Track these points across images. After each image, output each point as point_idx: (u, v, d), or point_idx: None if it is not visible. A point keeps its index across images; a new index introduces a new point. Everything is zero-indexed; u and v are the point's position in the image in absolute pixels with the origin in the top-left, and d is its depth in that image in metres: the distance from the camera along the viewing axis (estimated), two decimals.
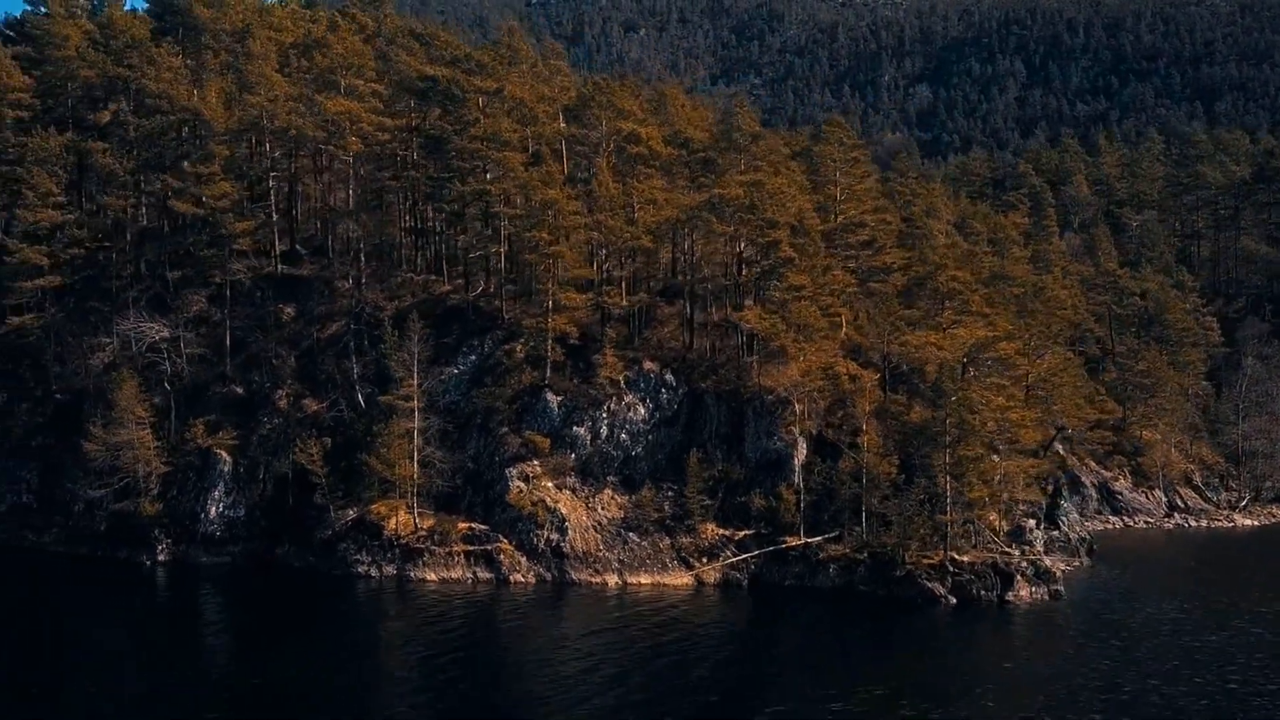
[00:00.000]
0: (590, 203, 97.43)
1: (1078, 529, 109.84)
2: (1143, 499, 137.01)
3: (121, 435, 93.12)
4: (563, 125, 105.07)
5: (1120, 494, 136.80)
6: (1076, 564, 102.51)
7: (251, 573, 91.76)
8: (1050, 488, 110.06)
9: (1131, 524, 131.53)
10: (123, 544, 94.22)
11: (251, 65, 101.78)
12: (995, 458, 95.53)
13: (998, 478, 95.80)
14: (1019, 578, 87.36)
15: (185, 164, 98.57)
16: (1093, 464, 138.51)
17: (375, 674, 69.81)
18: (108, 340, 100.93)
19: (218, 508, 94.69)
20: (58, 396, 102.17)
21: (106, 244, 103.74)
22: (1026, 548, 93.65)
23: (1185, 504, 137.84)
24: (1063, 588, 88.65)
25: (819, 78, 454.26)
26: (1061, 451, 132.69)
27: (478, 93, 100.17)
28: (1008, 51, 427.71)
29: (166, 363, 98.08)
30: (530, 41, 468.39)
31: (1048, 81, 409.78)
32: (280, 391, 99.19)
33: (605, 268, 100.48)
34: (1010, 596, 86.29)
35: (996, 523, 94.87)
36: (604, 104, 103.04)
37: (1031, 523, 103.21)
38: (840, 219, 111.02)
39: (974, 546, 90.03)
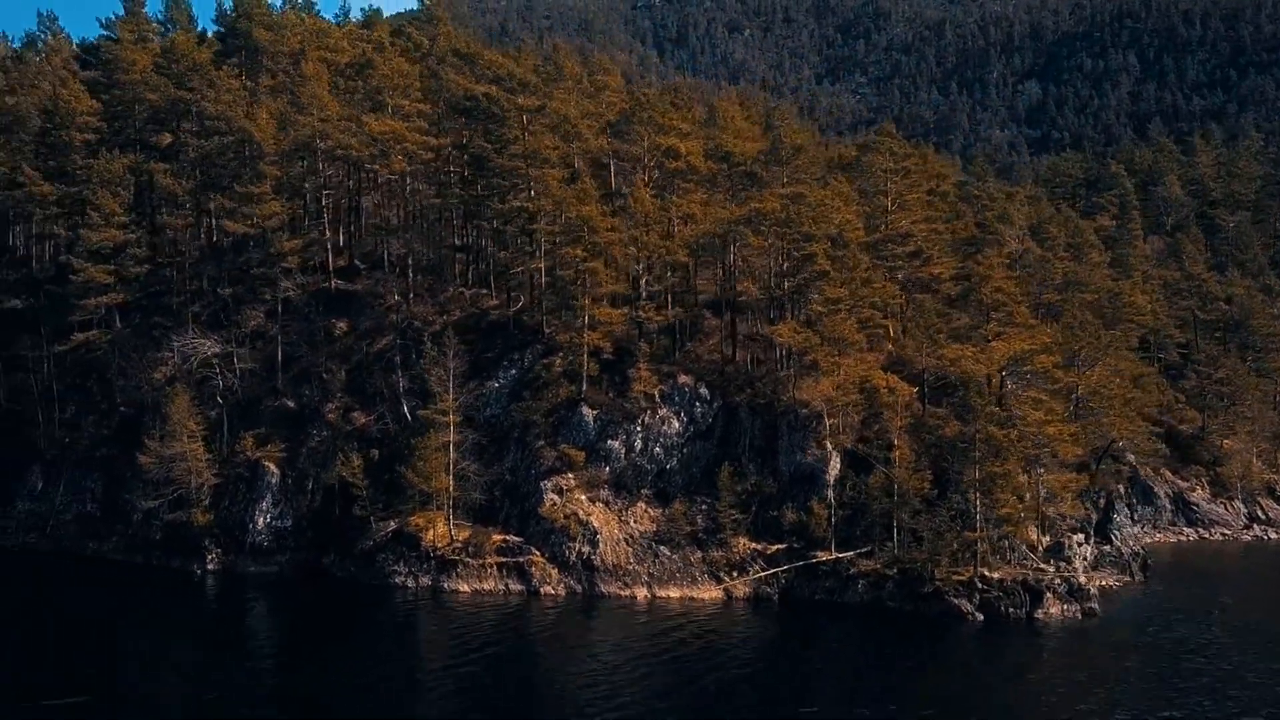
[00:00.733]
0: (627, 218, 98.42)
1: (1131, 543, 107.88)
2: (1221, 510, 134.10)
3: (175, 448, 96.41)
4: (606, 141, 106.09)
5: (1197, 505, 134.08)
6: (1128, 580, 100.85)
7: (297, 582, 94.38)
8: (1102, 501, 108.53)
9: (1208, 536, 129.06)
10: (176, 553, 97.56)
11: (304, 87, 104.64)
12: (1036, 472, 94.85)
13: (1037, 493, 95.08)
14: (1048, 595, 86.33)
15: (236, 184, 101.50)
16: (1168, 474, 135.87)
17: (408, 685, 70.90)
18: (169, 355, 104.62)
19: (265, 518, 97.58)
20: (122, 409, 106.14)
21: (167, 262, 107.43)
22: (1063, 564, 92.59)
23: (1266, 515, 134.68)
24: (1097, 605, 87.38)
25: (925, 75, 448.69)
26: (1134, 461, 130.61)
27: (519, 111, 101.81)
28: (1120, 45, 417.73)
29: (219, 378, 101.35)
30: (635, 44, 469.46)
31: (1162, 76, 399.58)
32: (330, 405, 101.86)
33: (642, 283, 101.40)
34: (1039, 614, 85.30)
35: (1036, 538, 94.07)
36: (645, 119, 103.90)
37: (1078, 537, 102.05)
38: (887, 229, 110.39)
39: (1007, 562, 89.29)
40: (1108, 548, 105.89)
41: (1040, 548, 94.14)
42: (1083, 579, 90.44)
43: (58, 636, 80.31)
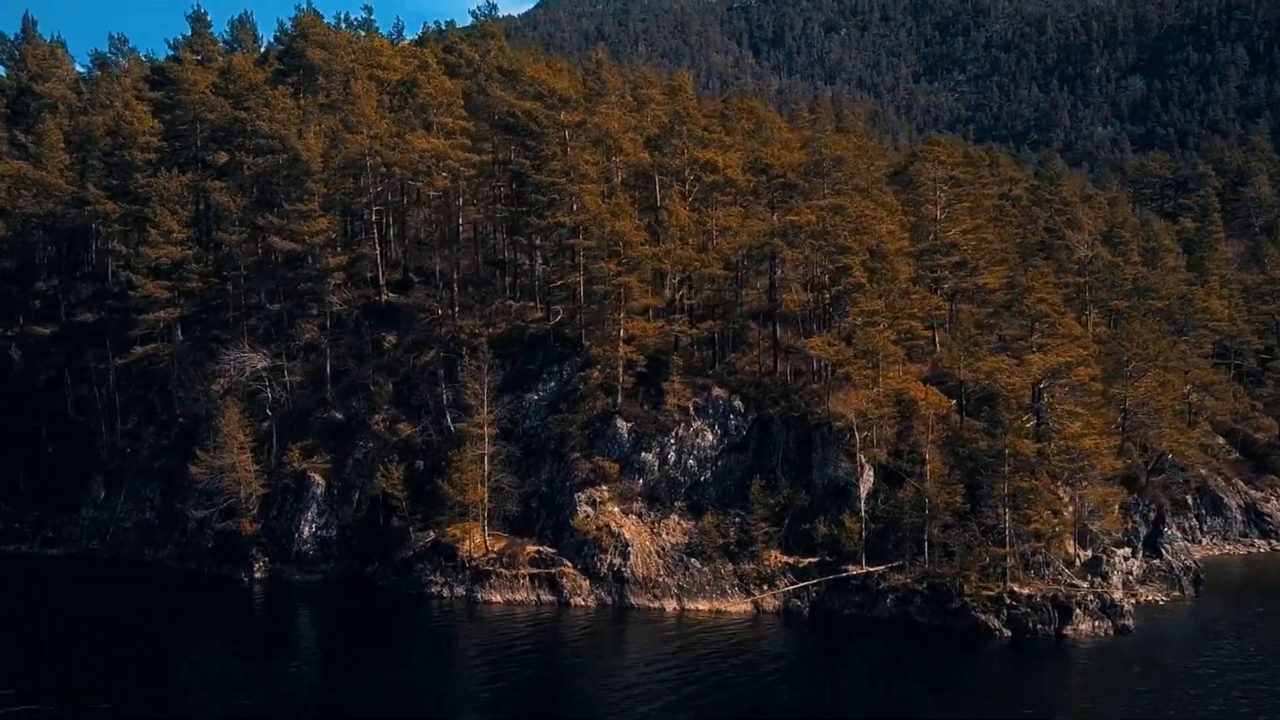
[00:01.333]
0: (662, 232, 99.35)
1: (1183, 557, 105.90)
2: None
3: (225, 459, 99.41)
4: (648, 155, 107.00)
5: (1269, 515, 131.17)
6: (1177, 595, 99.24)
7: (340, 590, 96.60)
8: (1152, 514, 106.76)
9: None
10: (226, 561, 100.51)
11: (353, 106, 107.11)
12: (1074, 485, 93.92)
13: (1076, 506, 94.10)
14: (1078, 612, 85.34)
15: (285, 202, 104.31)
16: (1240, 483, 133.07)
17: (442, 695, 72.82)
18: (226, 368, 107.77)
19: (311, 528, 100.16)
20: (180, 421, 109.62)
21: (224, 278, 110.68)
22: (1099, 580, 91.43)
23: None
24: (1131, 622, 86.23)
25: (1025, 72, 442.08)
26: (1204, 473, 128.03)
27: (558, 127, 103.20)
28: (1229, 38, 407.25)
29: (268, 391, 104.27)
30: (731, 45, 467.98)
31: (1273, 68, 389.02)
32: (377, 416, 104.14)
33: (678, 296, 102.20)
34: (1068, 631, 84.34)
35: (1074, 552, 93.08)
36: (684, 133, 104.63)
37: (1124, 552, 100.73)
38: (935, 239, 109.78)
39: (1041, 578, 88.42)
40: (1157, 562, 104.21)
41: (1078, 562, 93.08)
42: (1117, 595, 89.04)
43: (107, 640, 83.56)
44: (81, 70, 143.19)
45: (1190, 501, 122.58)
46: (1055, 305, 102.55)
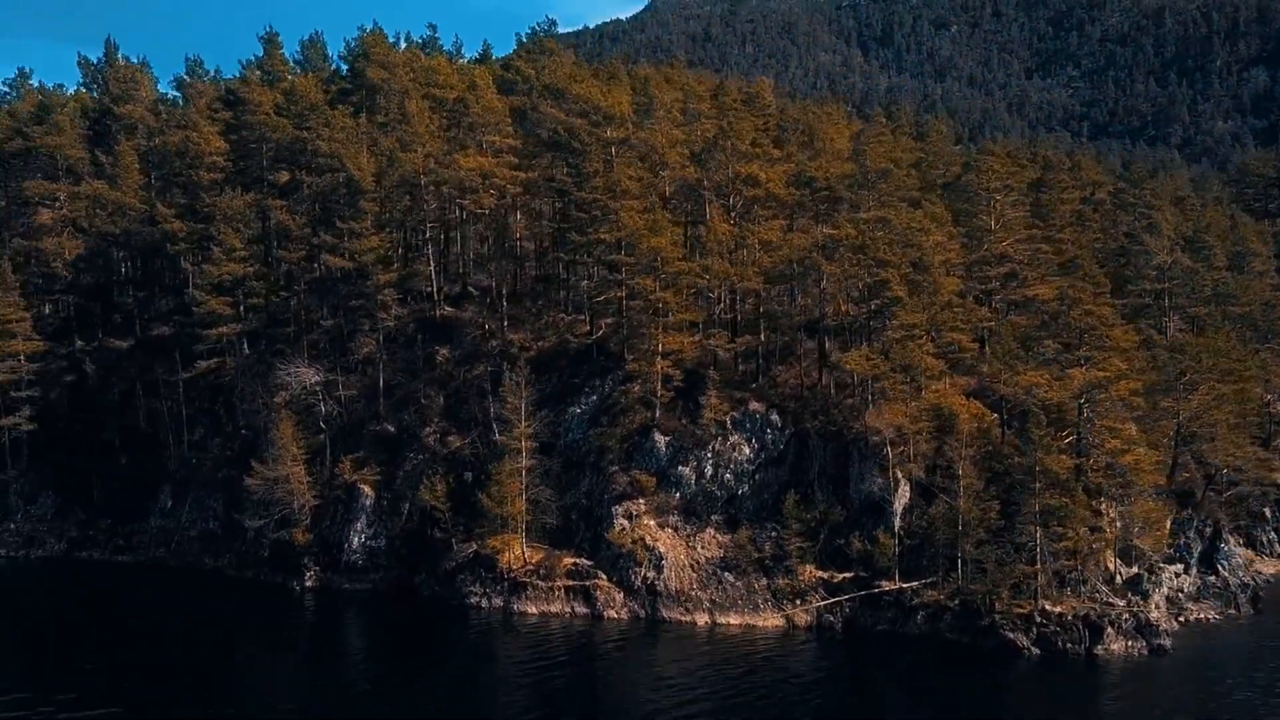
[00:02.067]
0: (700, 247, 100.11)
1: (1240, 574, 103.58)
2: None
3: (279, 471, 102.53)
4: (692, 170, 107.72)
5: None
6: (1232, 614, 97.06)
7: (387, 600, 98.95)
8: (1208, 529, 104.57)
9: None
10: (280, 569, 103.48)
11: (407, 126, 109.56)
12: (1115, 501, 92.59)
13: (1120, 523, 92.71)
14: (1109, 631, 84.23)
15: (338, 220, 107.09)
16: None
17: (477, 706, 75.19)
18: (288, 381, 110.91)
19: (360, 538, 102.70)
20: (244, 432, 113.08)
21: (284, 294, 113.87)
22: (1139, 598, 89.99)
23: None
24: (1168, 642, 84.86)
25: (1142, 66, 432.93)
26: None
27: (601, 144, 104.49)
28: None
29: (321, 404, 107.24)
30: (840, 44, 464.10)
31: None
32: (427, 429, 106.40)
33: (717, 310, 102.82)
34: (1099, 651, 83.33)
35: (1115, 568, 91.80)
36: (728, 148, 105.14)
37: (1175, 568, 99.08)
38: (987, 250, 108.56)
39: (1076, 595, 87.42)
40: (1213, 579, 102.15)
41: (1119, 579, 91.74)
42: (1154, 614, 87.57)
43: (163, 645, 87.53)
44: (165, 91, 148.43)
45: (1269, 514, 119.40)
46: (1103, 318, 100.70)
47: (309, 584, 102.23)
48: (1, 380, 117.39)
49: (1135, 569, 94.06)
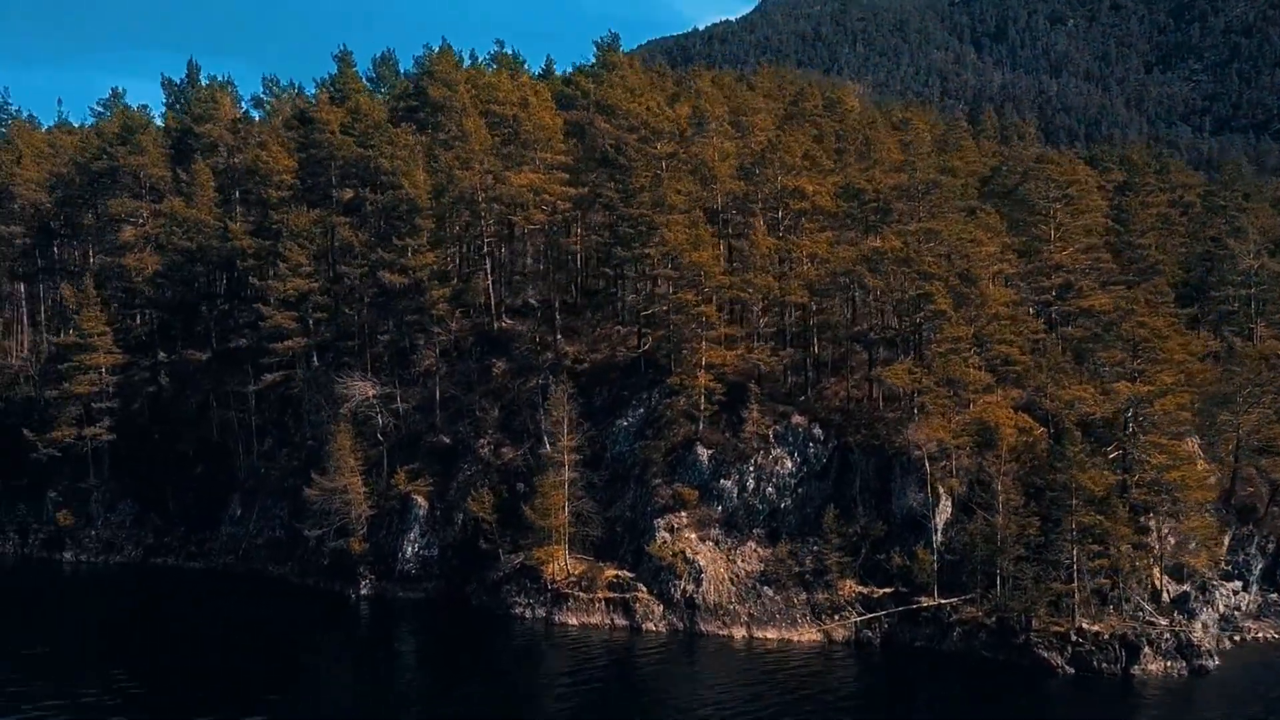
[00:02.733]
0: (742, 260, 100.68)
1: None
2: None
3: (337, 482, 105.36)
4: (741, 183, 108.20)
5: None
6: None
7: (437, 609, 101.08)
8: (1270, 546, 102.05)
9: None
10: (338, 577, 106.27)
11: (465, 143, 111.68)
12: (1162, 517, 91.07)
13: (1174, 540, 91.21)
14: (1146, 650, 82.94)
15: (395, 237, 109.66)
16: None
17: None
18: (349, 394, 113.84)
19: (413, 548, 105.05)
20: (310, 443, 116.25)
21: (349, 309, 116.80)
22: (1184, 617, 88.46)
23: None
24: (1211, 662, 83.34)
25: (1269, 57, 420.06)
26: None
27: (648, 159, 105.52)
28: None
29: (378, 417, 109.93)
30: (952, 41, 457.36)
31: None
32: (481, 441, 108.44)
33: (761, 323, 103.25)
34: (1135, 671, 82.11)
35: (1161, 586, 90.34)
36: (775, 161, 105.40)
37: (1232, 585, 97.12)
38: (1044, 260, 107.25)
39: (1118, 614, 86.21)
40: (1275, 596, 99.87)
41: (1166, 597, 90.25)
42: (1197, 634, 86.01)
43: (224, 649, 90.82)
44: (248, 110, 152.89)
45: None
46: (1158, 329, 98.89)
47: (364, 592, 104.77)
48: (83, 392, 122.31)
49: (1186, 587, 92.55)
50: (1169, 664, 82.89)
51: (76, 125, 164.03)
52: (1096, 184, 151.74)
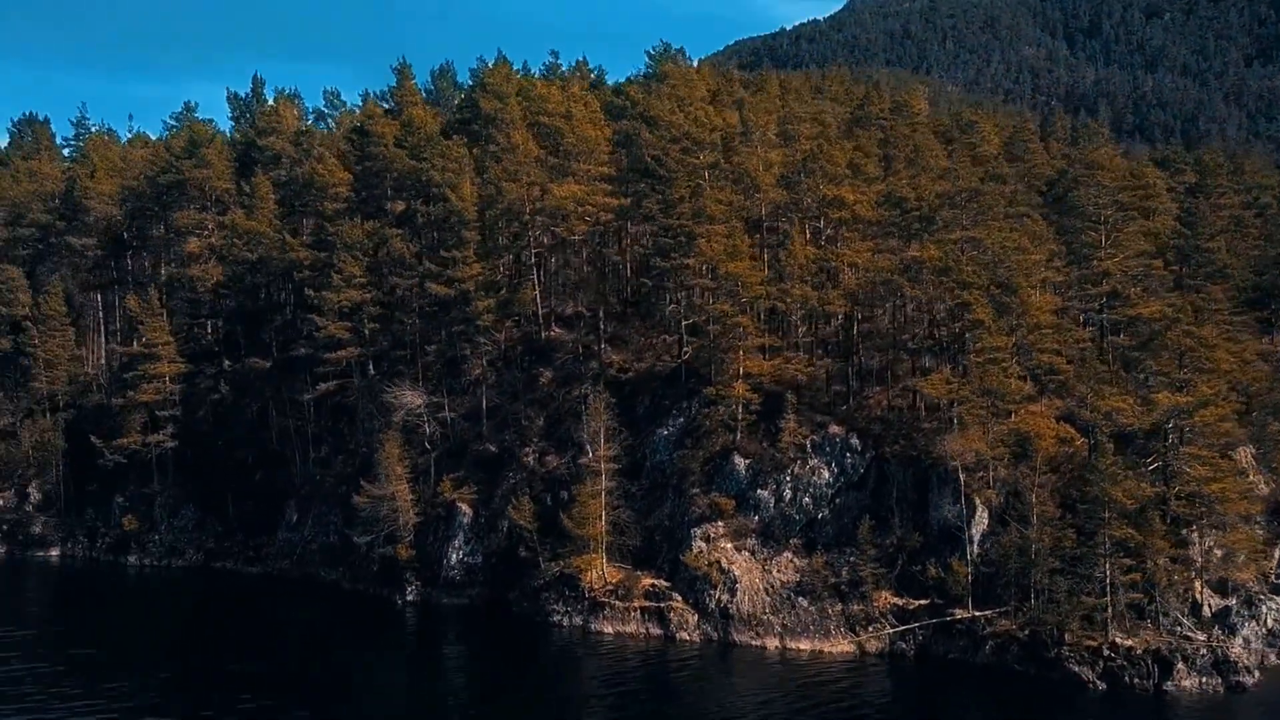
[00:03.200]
0: (779, 269, 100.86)
1: None
2: None
3: (385, 489, 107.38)
4: (784, 193, 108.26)
5: None
6: None
7: (480, 615, 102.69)
8: None
9: None
10: (386, 583, 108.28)
11: (509, 156, 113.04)
12: (1204, 530, 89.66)
13: (1219, 552, 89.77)
14: (1179, 666, 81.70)
15: (442, 249, 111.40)
16: None
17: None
18: (400, 402, 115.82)
19: (458, 554, 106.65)
20: (363, 451, 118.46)
21: (400, 319, 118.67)
22: (1225, 632, 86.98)
23: None
24: (1250, 679, 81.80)
25: None
26: None
27: (691, 170, 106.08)
28: None
29: (425, 426, 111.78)
30: (1044, 37, 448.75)
31: None
32: (527, 449, 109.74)
33: (800, 333, 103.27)
34: (1169, 686, 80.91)
35: (1202, 599, 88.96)
36: (816, 170, 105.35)
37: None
38: (1095, 268, 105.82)
39: (1156, 628, 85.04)
40: None
41: (1208, 610, 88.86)
42: (1236, 650, 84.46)
43: (276, 651, 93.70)
44: (312, 123, 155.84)
45: None
46: (1204, 338, 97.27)
47: (410, 598, 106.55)
48: (148, 400, 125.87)
49: (1230, 600, 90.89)
50: (1204, 680, 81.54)
51: (153, 138, 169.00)
52: (1166, 186, 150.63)
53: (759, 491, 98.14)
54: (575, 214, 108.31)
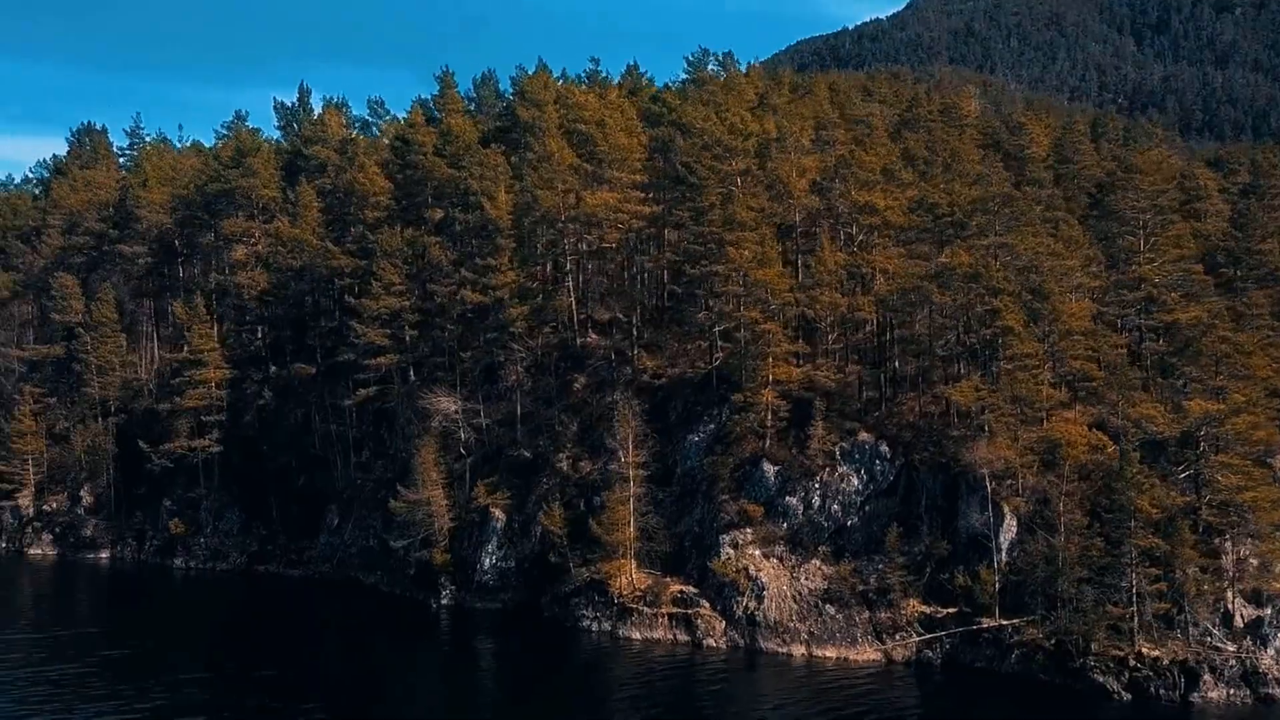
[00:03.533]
0: (808, 276, 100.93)
1: None
2: None
3: (421, 494, 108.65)
4: (817, 199, 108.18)
5: None
6: None
7: (512, 620, 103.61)
8: None
9: None
10: (422, 587, 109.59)
11: (547, 164, 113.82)
12: (1236, 539, 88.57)
13: (1256, 560, 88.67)
14: (1206, 677, 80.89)
15: (477, 257, 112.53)
16: None
17: None
18: (436, 408, 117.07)
19: (491, 559, 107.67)
20: (402, 456, 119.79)
21: (439, 326, 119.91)
22: (1257, 642, 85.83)
23: None
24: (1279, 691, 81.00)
25: None
26: None
27: (722, 177, 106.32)
28: None
29: (461, 431, 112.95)
30: (1111, 34, 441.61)
31: None
32: (561, 455, 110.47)
33: (830, 339, 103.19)
34: (1194, 698, 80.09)
35: (1234, 609, 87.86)
36: (848, 176, 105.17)
37: None
38: (1119, 274, 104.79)
39: (1185, 638, 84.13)
40: None
41: (1240, 621, 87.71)
42: (1266, 662, 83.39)
43: (295, 656, 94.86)
44: (364, 128, 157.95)
45: None
46: (1240, 344, 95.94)
47: (445, 602, 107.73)
48: (193, 406, 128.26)
49: (1265, 611, 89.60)
50: (1231, 691, 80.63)
51: (207, 146, 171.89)
52: (1219, 187, 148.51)
53: (788, 498, 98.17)
54: (608, 221, 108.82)
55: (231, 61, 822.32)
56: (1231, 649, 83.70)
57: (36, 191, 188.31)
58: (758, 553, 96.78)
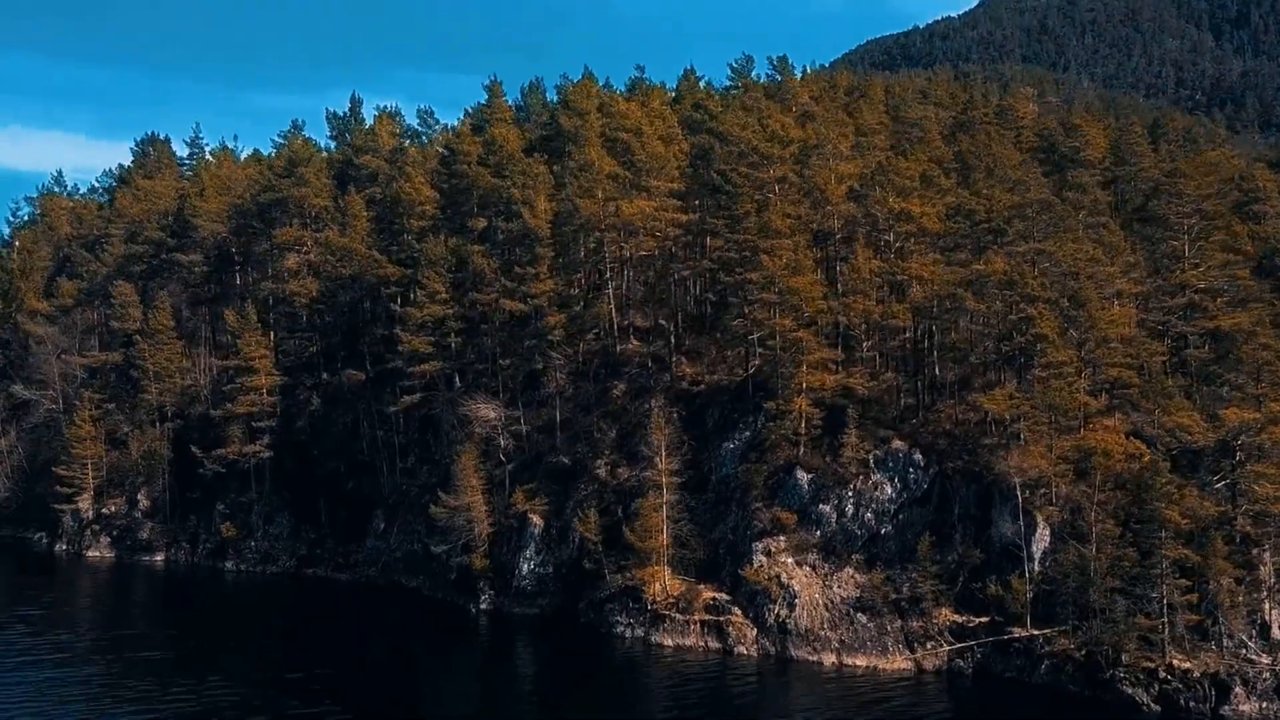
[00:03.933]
0: (842, 283, 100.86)
1: None
2: None
3: (461, 500, 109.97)
4: (853, 206, 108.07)
5: None
6: None
7: (549, 625, 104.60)
8: None
9: None
10: (463, 592, 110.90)
11: (588, 173, 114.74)
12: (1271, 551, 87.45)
13: (1276, 570, 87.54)
14: (1237, 690, 79.96)
15: (517, 266, 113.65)
16: None
17: None
18: (480, 415, 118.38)
19: (529, 565, 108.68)
20: (446, 462, 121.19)
21: (486, 334, 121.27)
22: None
23: None
24: None
25: None
26: None
27: (756, 185, 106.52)
28: None
29: (500, 438, 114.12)
30: (1189, 29, 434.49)
31: None
32: (599, 461, 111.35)
33: (865, 346, 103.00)
34: (1226, 710, 79.22)
35: (1272, 621, 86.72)
36: (884, 183, 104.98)
37: None
38: (1161, 280, 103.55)
39: (1218, 650, 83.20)
40: None
41: (1277, 633, 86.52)
42: None
43: (334, 660, 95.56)
44: (414, 138, 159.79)
45: None
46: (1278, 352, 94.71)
47: (484, 606, 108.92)
48: (244, 412, 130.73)
49: None
50: (1264, 705, 79.61)
51: (266, 155, 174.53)
52: (1278, 189, 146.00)
53: (821, 506, 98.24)
54: (646, 229, 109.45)
55: (317, 66, 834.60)
56: (1266, 661, 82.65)
57: (103, 200, 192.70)
58: (790, 560, 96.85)
